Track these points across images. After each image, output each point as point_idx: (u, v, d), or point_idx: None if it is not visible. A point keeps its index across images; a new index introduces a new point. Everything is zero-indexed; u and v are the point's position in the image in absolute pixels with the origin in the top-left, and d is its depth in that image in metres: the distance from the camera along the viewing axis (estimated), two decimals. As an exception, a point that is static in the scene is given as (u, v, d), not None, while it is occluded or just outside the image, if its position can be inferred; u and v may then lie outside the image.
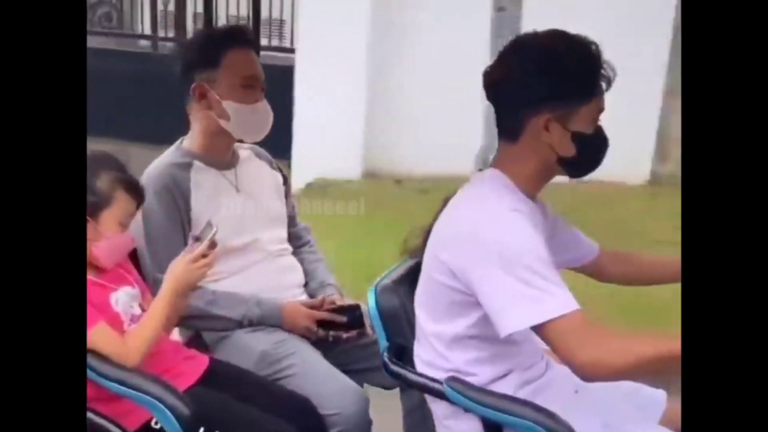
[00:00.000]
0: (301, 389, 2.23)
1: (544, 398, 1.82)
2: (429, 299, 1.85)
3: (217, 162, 2.45)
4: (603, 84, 1.78)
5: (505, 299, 1.68)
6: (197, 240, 2.10)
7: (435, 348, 1.84)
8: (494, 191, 1.80)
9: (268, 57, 6.05)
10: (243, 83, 2.39)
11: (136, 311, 2.08)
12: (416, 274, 1.91)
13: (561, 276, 1.71)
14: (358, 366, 2.41)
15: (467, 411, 1.80)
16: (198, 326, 2.39)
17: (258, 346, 2.32)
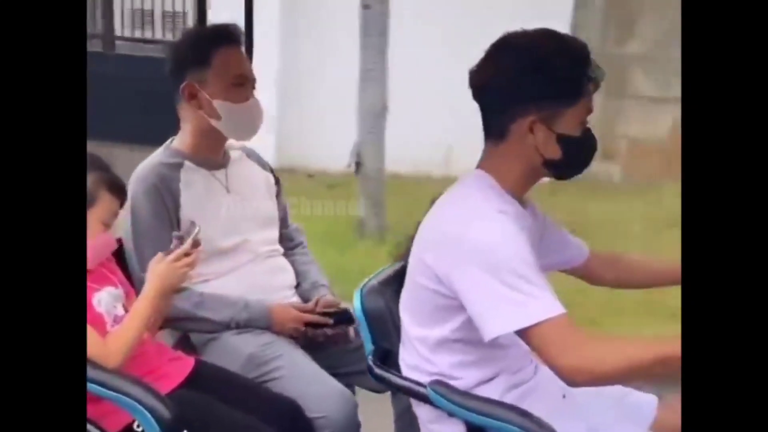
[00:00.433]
0: (289, 392, 2.21)
1: (531, 402, 1.80)
2: (414, 303, 1.83)
3: (208, 162, 2.43)
4: (590, 86, 1.75)
5: (489, 303, 1.66)
6: (180, 239, 2.08)
7: (420, 352, 1.82)
8: (480, 192, 1.78)
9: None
10: (234, 82, 2.38)
11: (120, 312, 2.07)
12: (403, 277, 1.89)
13: (548, 279, 1.69)
14: (348, 369, 2.39)
15: (451, 415, 1.78)
16: (185, 328, 2.38)
17: (245, 349, 2.30)
